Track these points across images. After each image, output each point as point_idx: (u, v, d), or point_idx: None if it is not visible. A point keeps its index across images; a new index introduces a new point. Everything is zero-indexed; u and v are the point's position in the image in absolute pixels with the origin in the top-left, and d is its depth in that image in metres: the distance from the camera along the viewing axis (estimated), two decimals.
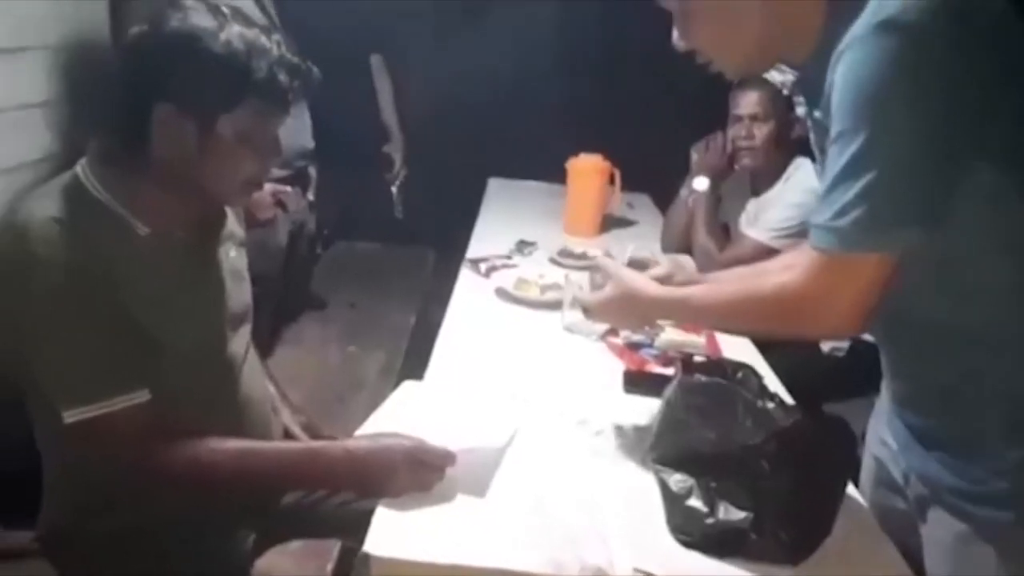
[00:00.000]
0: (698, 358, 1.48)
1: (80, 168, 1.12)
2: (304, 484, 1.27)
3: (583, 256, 2.24)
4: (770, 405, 1.06)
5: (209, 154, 1.11)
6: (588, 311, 1.31)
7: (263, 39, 1.09)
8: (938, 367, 1.00)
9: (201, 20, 1.07)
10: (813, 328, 1.07)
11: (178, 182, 1.14)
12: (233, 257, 1.31)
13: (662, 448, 1.13)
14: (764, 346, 1.68)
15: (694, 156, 2.36)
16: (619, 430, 1.30)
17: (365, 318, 2.66)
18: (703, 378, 1.10)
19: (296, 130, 2.13)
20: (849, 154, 0.87)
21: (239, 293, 1.31)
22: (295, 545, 1.30)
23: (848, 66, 0.87)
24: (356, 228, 3.28)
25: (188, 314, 1.18)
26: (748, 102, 2.23)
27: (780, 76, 2.24)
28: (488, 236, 2.42)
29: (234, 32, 1.07)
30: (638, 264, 1.31)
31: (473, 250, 2.26)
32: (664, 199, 2.72)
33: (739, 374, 1.14)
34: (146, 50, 1.09)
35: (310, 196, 2.30)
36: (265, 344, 2.21)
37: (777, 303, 1.00)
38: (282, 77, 1.10)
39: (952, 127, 0.85)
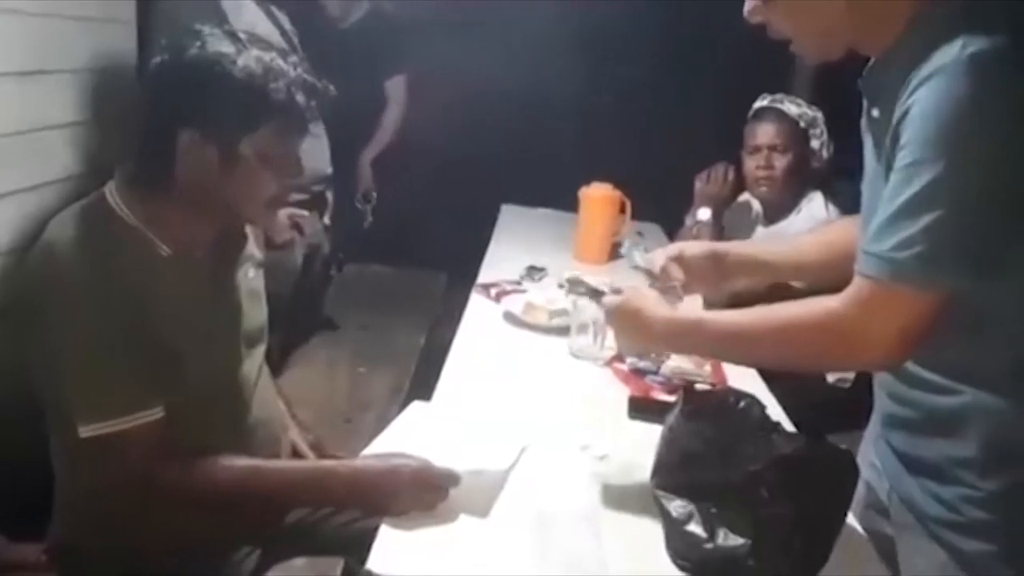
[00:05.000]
0: (701, 386, 1.49)
1: (108, 190, 1.16)
2: (311, 502, 1.29)
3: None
4: (772, 434, 1.08)
5: (232, 175, 1.15)
6: (607, 317, 1.26)
7: (280, 62, 1.13)
8: (927, 393, 1.01)
9: (219, 46, 1.11)
10: (852, 358, 1.03)
11: (203, 204, 1.17)
12: (251, 278, 1.34)
13: (663, 474, 1.14)
14: (769, 377, 1.69)
15: (697, 186, 2.39)
16: (622, 455, 1.32)
17: (376, 340, 2.69)
18: (704, 406, 1.12)
19: (314, 155, 2.18)
20: (920, 185, 0.86)
21: (255, 314, 1.35)
22: (299, 563, 1.32)
23: (933, 94, 0.86)
24: (371, 251, 3.32)
25: (206, 333, 1.21)
26: (767, 133, 2.26)
27: (797, 109, 2.28)
28: (499, 261, 2.45)
29: (252, 56, 1.12)
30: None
31: (484, 275, 2.29)
32: (675, 229, 2.75)
33: (742, 403, 1.16)
34: (168, 78, 1.13)
35: (326, 220, 2.35)
36: (276, 363, 2.24)
37: (820, 329, 0.98)
38: (300, 97, 1.14)
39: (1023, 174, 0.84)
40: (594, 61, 3.77)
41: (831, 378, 2.18)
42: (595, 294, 1.36)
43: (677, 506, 1.09)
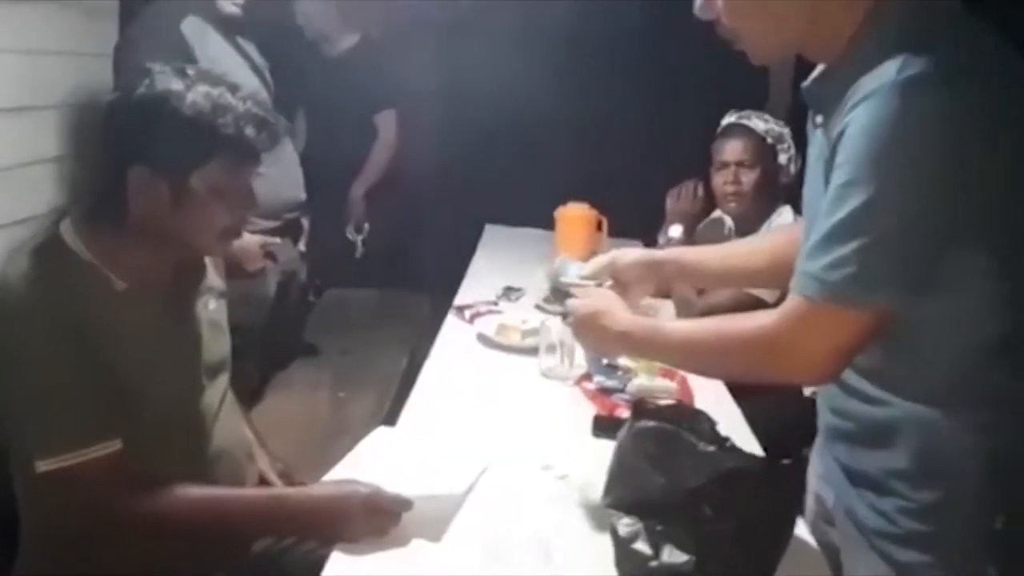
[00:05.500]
0: (658, 402, 1.51)
1: (62, 226, 1.18)
2: (268, 531, 1.30)
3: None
4: (713, 449, 1.08)
5: (184, 209, 1.17)
6: (571, 318, 1.29)
7: (228, 97, 1.16)
8: (862, 404, 1.03)
9: (168, 84, 1.14)
10: (785, 373, 1.05)
11: (156, 238, 1.20)
12: (212, 309, 1.36)
13: (614, 492, 1.15)
14: (744, 390, 1.70)
15: (668, 204, 2.42)
16: (583, 475, 1.33)
17: (357, 364, 2.70)
18: (651, 423, 1.13)
19: (285, 182, 2.21)
20: (852, 207, 0.88)
21: (217, 344, 1.37)
22: None
23: (867, 117, 0.87)
24: (355, 274, 3.34)
25: (164, 365, 1.22)
26: (734, 149, 2.29)
27: (764, 124, 2.31)
28: (478, 282, 2.48)
29: (200, 92, 1.14)
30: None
31: (462, 296, 2.31)
32: (652, 245, 2.77)
33: (690, 419, 1.17)
34: (118, 116, 1.16)
35: (301, 247, 2.37)
36: (255, 390, 2.26)
37: (753, 344, 1.00)
38: (248, 131, 1.16)
39: (956, 198, 0.86)
40: (575, 82, 3.80)
41: (807, 391, 2.18)
42: (564, 296, 1.37)
43: (625, 524, 1.09)
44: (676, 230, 2.33)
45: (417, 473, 1.22)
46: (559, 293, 1.96)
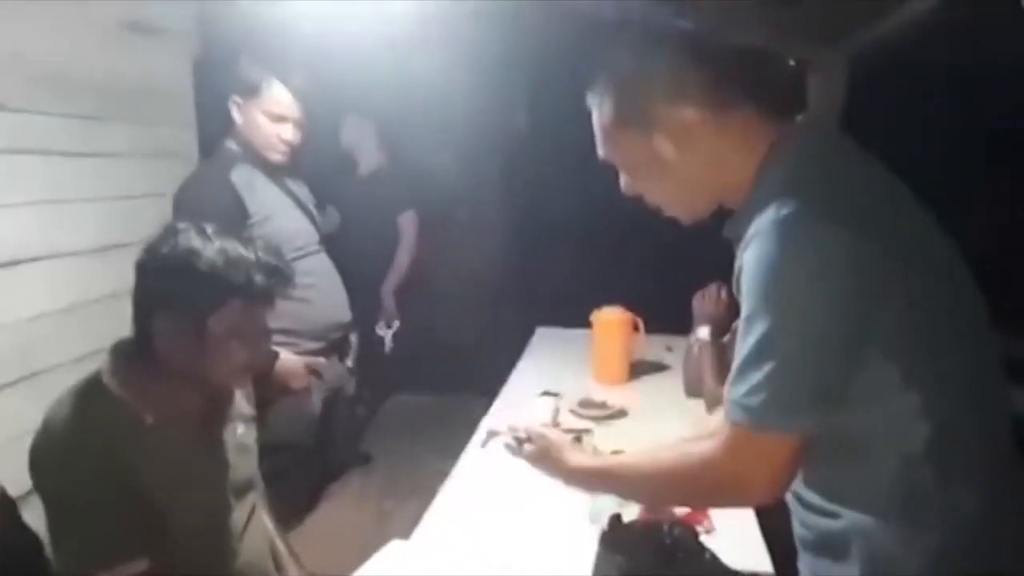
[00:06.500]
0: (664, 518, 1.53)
1: (102, 368, 1.35)
2: None
3: (603, 405, 2.33)
4: (696, 565, 1.11)
5: (205, 349, 1.32)
6: (528, 461, 1.35)
7: (241, 249, 1.32)
8: (812, 515, 1.05)
9: (189, 242, 1.30)
10: (733, 499, 1.08)
11: (181, 375, 1.34)
12: (240, 434, 1.50)
13: None
14: None
15: (695, 305, 2.45)
16: None
17: (406, 470, 2.78)
18: (626, 538, 1.17)
19: (329, 305, 2.36)
20: (755, 338, 0.94)
21: (244, 466, 1.49)
22: None
23: (754, 254, 0.94)
24: (411, 381, 3.47)
25: (192, 490, 1.35)
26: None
27: None
28: (518, 387, 2.55)
29: (214, 249, 1.30)
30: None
31: (502, 400, 2.39)
32: None
33: (671, 534, 1.20)
34: (147, 269, 1.33)
35: (349, 363, 2.50)
36: (300, 507, 2.36)
37: (700, 477, 1.03)
38: (258, 279, 1.31)
39: (847, 318, 0.91)
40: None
41: None
42: (518, 443, 1.42)
43: None
44: (703, 331, 2.36)
45: None
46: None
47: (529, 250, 4.09)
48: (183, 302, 1.30)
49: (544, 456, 1.28)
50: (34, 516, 1.37)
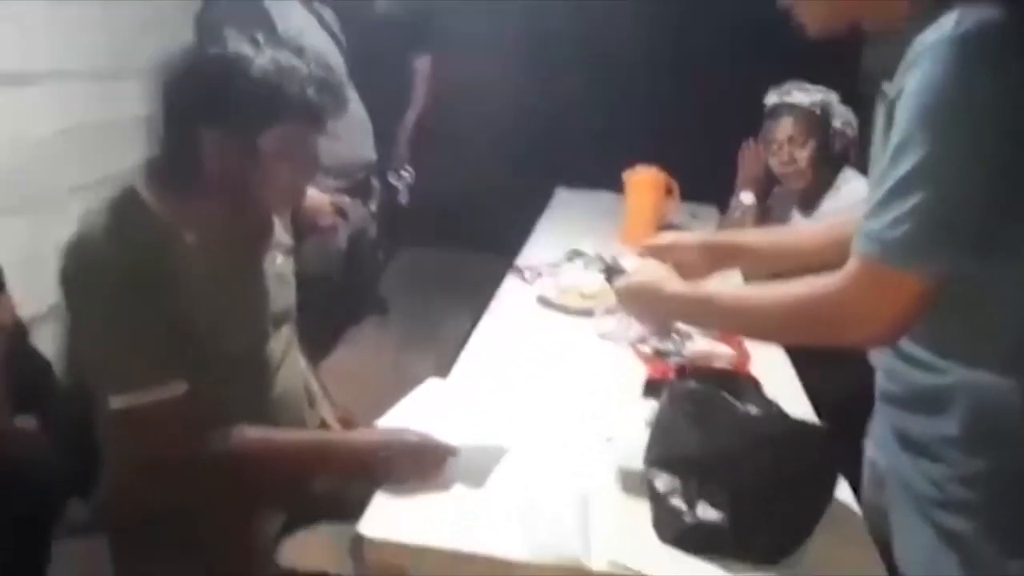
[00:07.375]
0: (717, 364, 1.51)
1: (136, 183, 1.26)
2: (319, 470, 1.36)
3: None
4: (753, 411, 1.08)
5: (252, 169, 1.22)
6: (618, 296, 1.35)
7: (294, 60, 1.20)
8: (914, 369, 1.01)
9: (239, 48, 1.19)
10: (845, 336, 1.01)
11: (225, 195, 1.26)
12: (279, 263, 1.43)
13: (655, 451, 1.17)
14: (805, 357, 1.67)
15: (740, 163, 2.38)
16: (630, 437, 1.34)
17: (424, 324, 2.76)
18: (691, 384, 1.13)
19: (356, 143, 2.27)
20: (907, 167, 0.87)
21: (282, 296, 1.43)
22: (322, 527, 1.40)
23: (923, 74, 0.86)
24: (429, 236, 3.41)
25: (232, 315, 1.29)
26: (783, 129, 2.25)
27: (807, 97, 2.24)
28: (543, 245, 2.50)
29: (267, 57, 1.19)
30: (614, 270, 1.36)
31: (524, 257, 2.34)
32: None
33: (734, 382, 1.18)
34: (192, 76, 1.21)
35: (371, 207, 2.43)
36: (326, 343, 2.35)
37: (813, 306, 0.99)
38: (311, 94, 1.21)
39: (1012, 155, 0.84)
40: (652, 36, 3.75)
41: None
42: (610, 274, 1.39)
43: (663, 481, 1.11)
44: (748, 197, 2.30)
45: (462, 423, 1.27)
46: (594, 263, 1.98)
47: (551, 110, 3.95)
48: (232, 115, 1.19)
49: (643, 284, 1.25)
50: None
